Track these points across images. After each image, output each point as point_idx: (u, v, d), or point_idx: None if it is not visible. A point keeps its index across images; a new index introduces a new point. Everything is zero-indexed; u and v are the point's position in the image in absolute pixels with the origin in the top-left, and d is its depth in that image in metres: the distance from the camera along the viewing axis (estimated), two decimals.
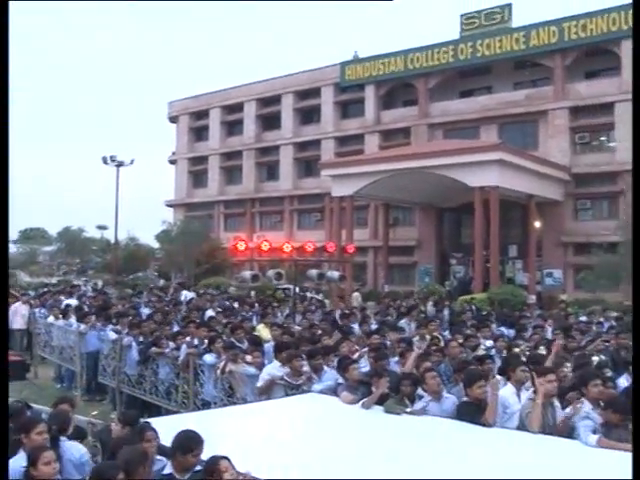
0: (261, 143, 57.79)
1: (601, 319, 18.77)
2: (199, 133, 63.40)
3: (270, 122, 57.58)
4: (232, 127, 60.76)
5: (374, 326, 15.56)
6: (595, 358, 9.82)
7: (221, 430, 6.83)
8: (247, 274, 21.34)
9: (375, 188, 39.37)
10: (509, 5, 45.74)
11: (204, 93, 61.60)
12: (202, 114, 62.02)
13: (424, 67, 48.43)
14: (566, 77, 43.72)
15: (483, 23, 46.00)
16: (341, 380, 8.87)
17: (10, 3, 8.36)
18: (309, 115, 55.83)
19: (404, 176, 37.92)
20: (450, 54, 47.21)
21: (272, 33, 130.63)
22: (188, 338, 12.78)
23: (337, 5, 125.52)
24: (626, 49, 41.02)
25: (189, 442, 5.50)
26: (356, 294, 36.47)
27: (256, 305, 21.80)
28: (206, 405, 10.98)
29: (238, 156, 58.80)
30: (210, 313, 18.88)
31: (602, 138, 43.33)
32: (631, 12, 40.78)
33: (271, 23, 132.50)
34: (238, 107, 58.75)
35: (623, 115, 40.64)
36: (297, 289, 22.98)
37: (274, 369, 9.95)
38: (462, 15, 47.19)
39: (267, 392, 9.62)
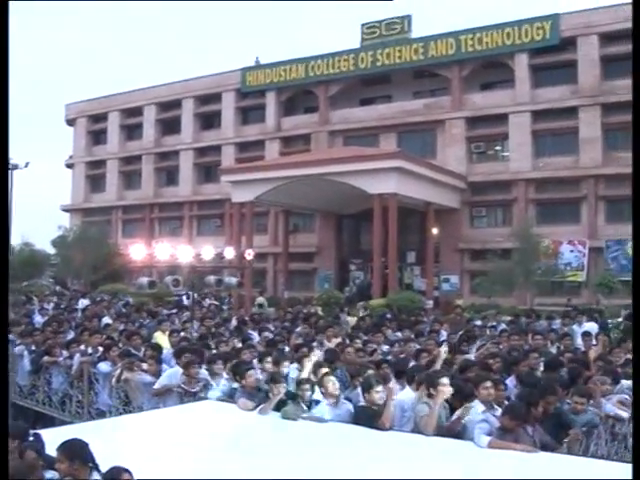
0: (161, 148, 56.99)
1: (494, 323, 19.23)
2: (97, 136, 62.01)
3: (170, 127, 56.84)
4: (131, 131, 59.72)
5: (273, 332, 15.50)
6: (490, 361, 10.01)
7: (117, 439, 6.68)
8: (144, 281, 20.96)
9: (275, 194, 39.35)
10: (409, 16, 46.57)
11: (103, 96, 60.30)
12: (100, 117, 60.70)
13: (325, 75, 48.76)
14: (463, 88, 44.79)
15: (383, 33, 46.64)
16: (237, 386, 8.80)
17: (10, 3, 8.15)
18: (209, 120, 55.39)
19: (304, 183, 38.05)
20: (351, 62, 47.68)
21: (173, 37, 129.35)
22: (82, 346, 12.47)
23: (239, 10, 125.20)
24: (519, 62, 42.46)
25: (74, 451, 5.31)
26: (261, 298, 36.38)
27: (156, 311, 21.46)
28: (101, 414, 10.75)
29: (137, 161, 57.84)
30: (106, 320, 18.50)
31: (497, 148, 44.59)
32: (526, 26, 42.35)
33: (173, 27, 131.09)
34: (137, 111, 57.80)
35: (517, 126, 42.05)
36: (196, 295, 22.74)
37: (171, 376, 9.80)
38: (363, 24, 47.71)
39: (162, 396, 9.46)
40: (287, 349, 12.02)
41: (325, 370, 8.86)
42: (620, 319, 24.15)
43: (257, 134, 51.83)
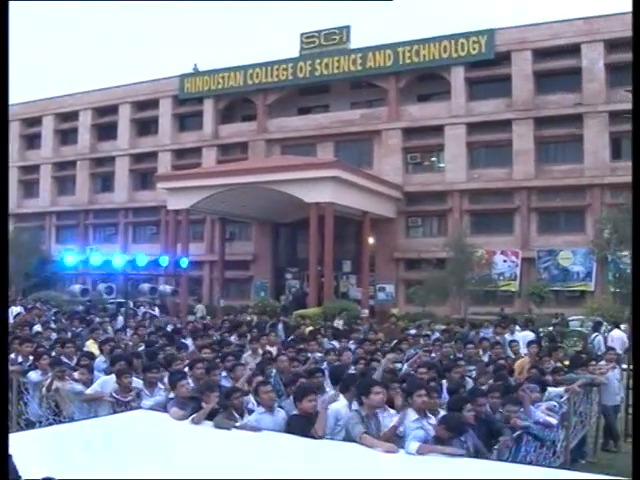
0: (96, 153, 56.19)
1: (428, 332, 19.43)
2: (31, 141, 60.81)
3: (106, 132, 56.09)
4: (66, 136, 58.72)
5: (208, 340, 15.39)
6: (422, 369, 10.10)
7: (47, 450, 6.53)
8: (77, 288, 20.66)
9: (212, 202, 39.15)
10: (347, 27, 46.88)
11: (37, 99, 59.17)
12: (34, 121, 59.52)
13: (263, 83, 48.75)
14: (400, 99, 45.27)
15: (322, 43, 46.86)
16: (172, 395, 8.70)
17: (10, 3, 7.91)
18: (146, 127, 54.82)
19: (241, 191, 37.96)
20: (289, 71, 47.77)
21: (111, 42, 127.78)
22: (12, 355, 12.17)
23: (177, 16, 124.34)
24: (455, 75, 43.12)
25: None
26: (200, 306, 36.09)
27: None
28: (31, 425, 10.47)
29: (72, 166, 56.90)
30: (37, 328, 18.12)
31: (432, 159, 45.17)
32: (462, 40, 43.03)
33: (111, 31, 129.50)
34: (73, 115, 56.91)
35: (452, 137, 42.67)
36: (131, 303, 22.46)
37: (103, 384, 9.65)
38: (302, 34, 47.87)
39: (93, 405, 9.30)
40: (221, 357, 11.88)
41: (259, 379, 8.84)
42: (550, 328, 24.72)
43: (194, 141, 51.50)
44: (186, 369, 10.17)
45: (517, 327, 18.80)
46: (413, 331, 20.09)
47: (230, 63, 50.73)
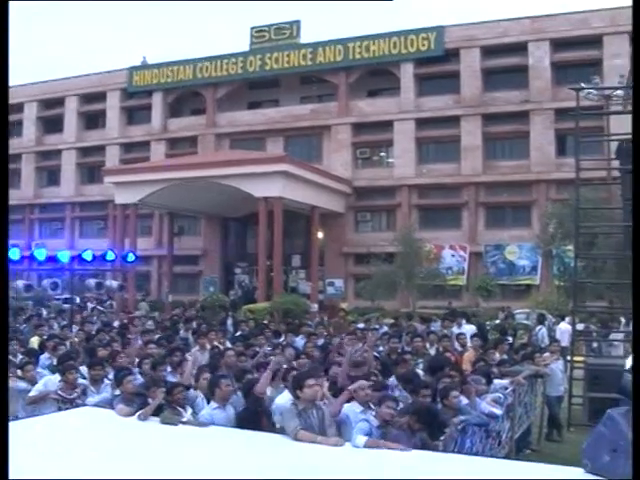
0: (42, 147, 55.30)
1: (377, 326, 19.53)
2: None
3: (52, 125, 55.21)
4: (11, 129, 57.53)
5: (156, 336, 15.26)
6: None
7: None
8: (20, 284, 20.25)
9: (160, 196, 38.80)
10: (298, 22, 46.83)
11: None
12: None
13: (213, 77, 48.47)
14: (350, 94, 45.39)
15: (272, 37, 46.74)
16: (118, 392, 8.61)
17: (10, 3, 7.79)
18: (94, 120, 54.09)
19: (190, 185, 37.67)
20: (239, 65, 47.57)
21: (57, 34, 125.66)
22: None
23: (126, 8, 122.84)
24: (405, 71, 43.41)
25: None
26: (143, 304, 35.77)
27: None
28: None
29: (17, 159, 55.66)
30: None
31: (382, 154, 45.39)
32: (412, 37, 43.29)
33: (56, 23, 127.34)
34: (18, 108, 55.67)
35: (401, 133, 42.95)
36: (78, 299, 22.17)
37: (47, 382, 9.50)
38: (252, 28, 47.68)
39: (37, 404, 9.15)
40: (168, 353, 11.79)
41: (207, 374, 8.80)
42: (497, 321, 25.04)
43: (143, 135, 51.00)
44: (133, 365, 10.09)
45: (464, 321, 18.99)
46: (361, 325, 20.17)
47: (180, 56, 50.35)
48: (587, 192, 20.79)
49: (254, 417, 7.41)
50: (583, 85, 24.27)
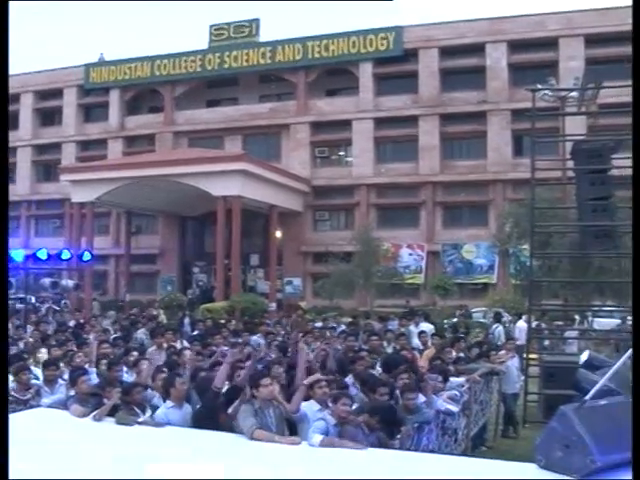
0: None
1: (334, 324, 19.59)
2: None
3: None
4: None
5: (113, 336, 15.14)
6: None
7: None
8: None
9: (117, 195, 38.45)
10: (257, 20, 46.74)
11: None
12: None
13: (171, 74, 48.14)
14: (308, 93, 45.43)
15: (232, 35, 46.58)
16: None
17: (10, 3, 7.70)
18: (50, 117, 53.39)
19: (147, 183, 37.43)
20: (198, 63, 47.32)
21: (12, 29, 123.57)
22: None
23: (84, 5, 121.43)
24: (364, 71, 43.55)
25: None
26: (95, 303, 35.43)
27: None
28: None
29: None
30: None
31: (340, 153, 45.53)
32: (371, 36, 43.42)
33: (11, 18, 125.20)
34: None
35: (360, 132, 43.08)
36: (33, 299, 21.88)
37: None
38: (211, 26, 47.46)
39: None
40: (124, 352, 11.69)
41: (163, 374, 8.73)
42: (455, 319, 25.25)
43: (100, 132, 50.46)
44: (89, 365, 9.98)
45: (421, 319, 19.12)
46: (319, 324, 20.21)
47: (138, 53, 49.92)
48: (542, 192, 21.01)
49: (212, 414, 7.36)
50: (539, 86, 24.57)
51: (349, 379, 9.30)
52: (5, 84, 7.65)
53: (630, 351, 5.23)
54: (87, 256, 23.52)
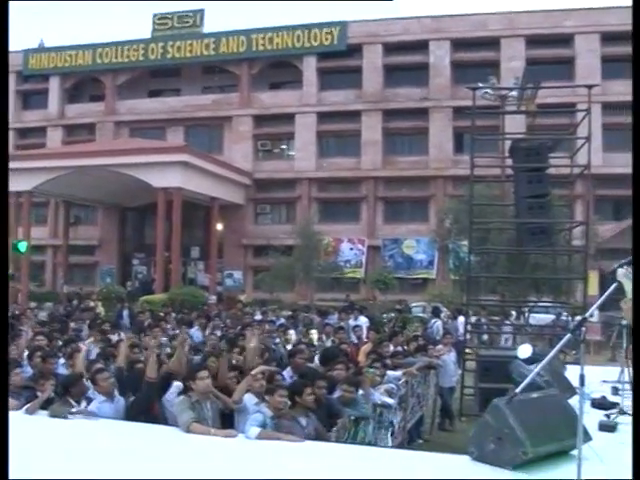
0: None
1: (274, 318, 19.60)
2: None
3: None
4: None
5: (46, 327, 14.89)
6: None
7: None
8: None
9: (56, 184, 37.80)
10: (201, 11, 46.36)
11: None
12: None
13: (113, 63, 47.45)
14: (252, 86, 45.26)
15: (175, 25, 46.11)
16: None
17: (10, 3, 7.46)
18: None
19: (87, 173, 36.88)
20: (140, 53, 46.75)
21: None
22: None
23: None
24: (307, 65, 43.56)
25: None
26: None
27: None
28: None
29: None
30: None
31: (283, 146, 45.50)
32: (315, 31, 43.42)
33: None
34: None
35: (302, 126, 43.09)
36: None
37: None
38: (155, 15, 46.91)
39: None
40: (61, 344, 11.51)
41: (99, 366, 8.61)
42: (393, 314, 25.45)
43: (38, 120, 49.46)
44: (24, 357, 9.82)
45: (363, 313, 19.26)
46: (259, 317, 20.20)
47: (79, 41, 49.04)
48: (482, 189, 21.34)
49: (147, 406, 7.30)
50: (480, 85, 24.87)
51: (287, 372, 9.34)
52: (5, 83, 7.55)
53: (560, 344, 5.34)
54: (24, 246, 23.09)
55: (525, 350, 5.83)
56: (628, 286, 4.26)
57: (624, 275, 4.25)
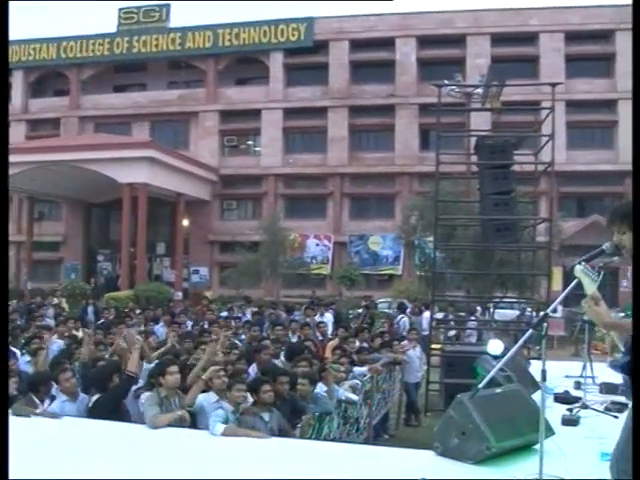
0: None
1: (240, 314, 19.54)
2: None
3: None
4: None
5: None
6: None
7: None
8: None
9: (19, 180, 37.16)
10: (167, 5, 46.02)
11: None
12: None
13: (78, 57, 46.97)
14: (218, 81, 45.09)
15: (141, 20, 45.74)
16: None
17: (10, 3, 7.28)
18: None
19: (51, 169, 36.47)
20: (106, 47, 46.32)
21: None
22: None
23: None
24: (274, 61, 43.49)
25: None
26: None
27: None
28: None
29: None
30: None
31: (249, 142, 45.38)
32: (282, 26, 43.33)
33: None
34: None
35: (269, 122, 43.03)
36: None
37: None
38: (120, 9, 46.49)
39: None
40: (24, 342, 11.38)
41: (62, 365, 8.52)
42: (360, 310, 25.49)
43: None
44: None
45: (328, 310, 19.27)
46: (224, 313, 20.13)
47: (43, 34, 48.40)
48: (447, 185, 21.50)
49: (113, 404, 7.25)
50: (446, 82, 25.00)
51: (252, 368, 9.33)
52: (5, 82, 7.45)
53: (522, 340, 5.39)
54: None
55: (495, 346, 5.84)
56: (586, 283, 4.30)
57: (581, 272, 4.29)
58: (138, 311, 19.50)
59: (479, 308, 22.65)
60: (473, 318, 20.15)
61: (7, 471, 4.68)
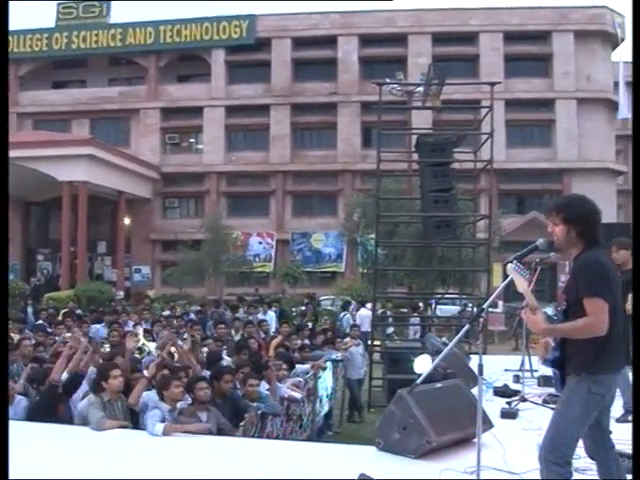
0: None
1: (183, 313, 19.43)
2: None
3: None
4: None
5: None
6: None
7: None
8: None
9: None
10: (108, 1, 45.40)
11: None
12: None
13: (15, 53, 45.76)
14: (160, 78, 44.67)
15: (80, 15, 45.06)
16: None
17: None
18: None
19: None
20: (44, 42, 45.46)
21: None
22: None
23: None
24: (216, 58, 43.25)
25: None
26: None
27: None
28: None
29: None
30: None
31: (191, 140, 45.07)
32: (224, 23, 43.13)
33: None
34: None
35: (211, 119, 42.80)
36: None
37: None
38: (59, 4, 45.72)
39: None
40: None
41: None
42: (303, 307, 25.55)
43: None
44: None
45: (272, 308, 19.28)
46: (167, 312, 19.99)
47: None
48: (389, 183, 21.66)
49: (50, 407, 7.15)
50: (387, 80, 25.18)
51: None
52: (5, 82, 7.24)
53: (459, 335, 5.47)
54: None
55: (422, 364, 5.69)
56: (517, 280, 4.41)
57: (513, 269, 4.40)
58: (78, 311, 19.25)
59: (421, 304, 22.87)
60: (415, 314, 20.33)
61: (7, 471, 4.63)
